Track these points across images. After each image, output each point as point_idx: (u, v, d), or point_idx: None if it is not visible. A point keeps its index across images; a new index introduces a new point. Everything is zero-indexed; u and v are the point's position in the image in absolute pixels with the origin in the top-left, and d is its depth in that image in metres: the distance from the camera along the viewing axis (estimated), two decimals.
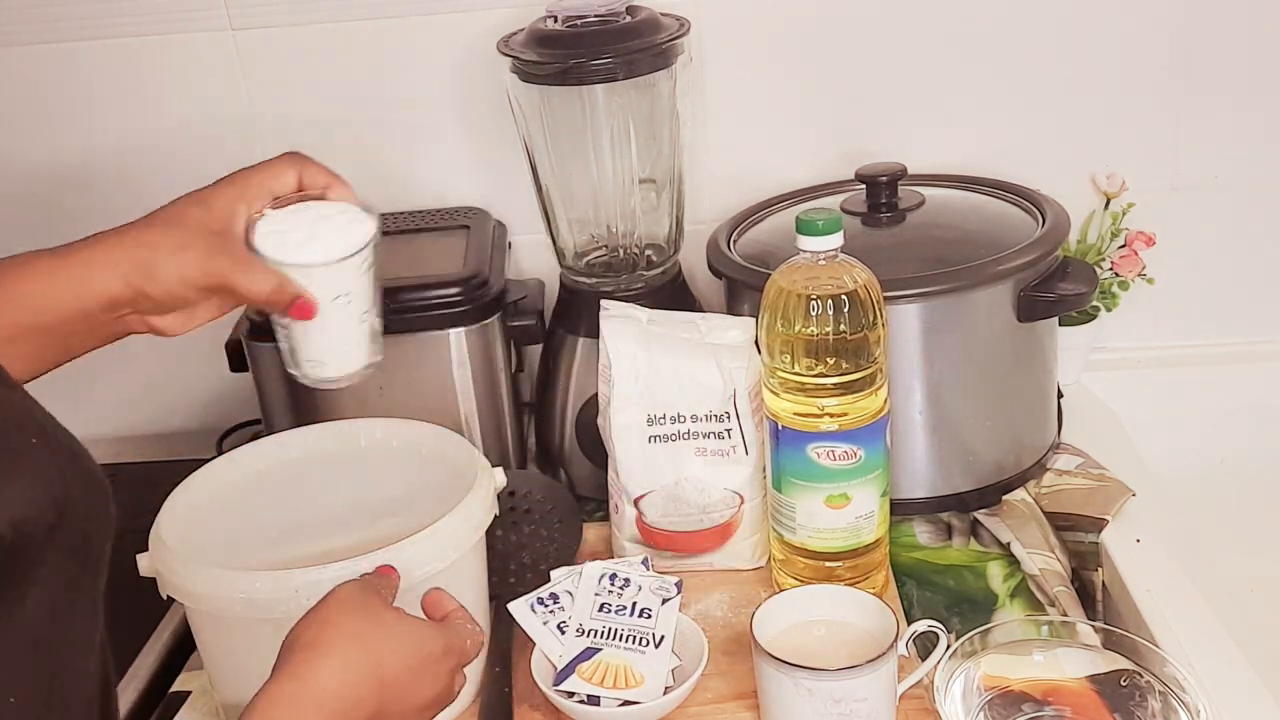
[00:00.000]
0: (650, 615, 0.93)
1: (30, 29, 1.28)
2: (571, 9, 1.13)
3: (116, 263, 0.77)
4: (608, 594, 0.95)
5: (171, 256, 0.77)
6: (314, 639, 0.67)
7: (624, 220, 1.20)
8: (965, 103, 1.30)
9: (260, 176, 0.83)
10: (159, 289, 0.77)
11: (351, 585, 0.72)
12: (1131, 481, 1.12)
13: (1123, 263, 1.30)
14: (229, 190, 0.82)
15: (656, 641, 0.91)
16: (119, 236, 0.79)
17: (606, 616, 0.93)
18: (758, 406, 1.01)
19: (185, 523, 0.91)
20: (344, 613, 0.69)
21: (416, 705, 0.70)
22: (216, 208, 0.81)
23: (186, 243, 0.78)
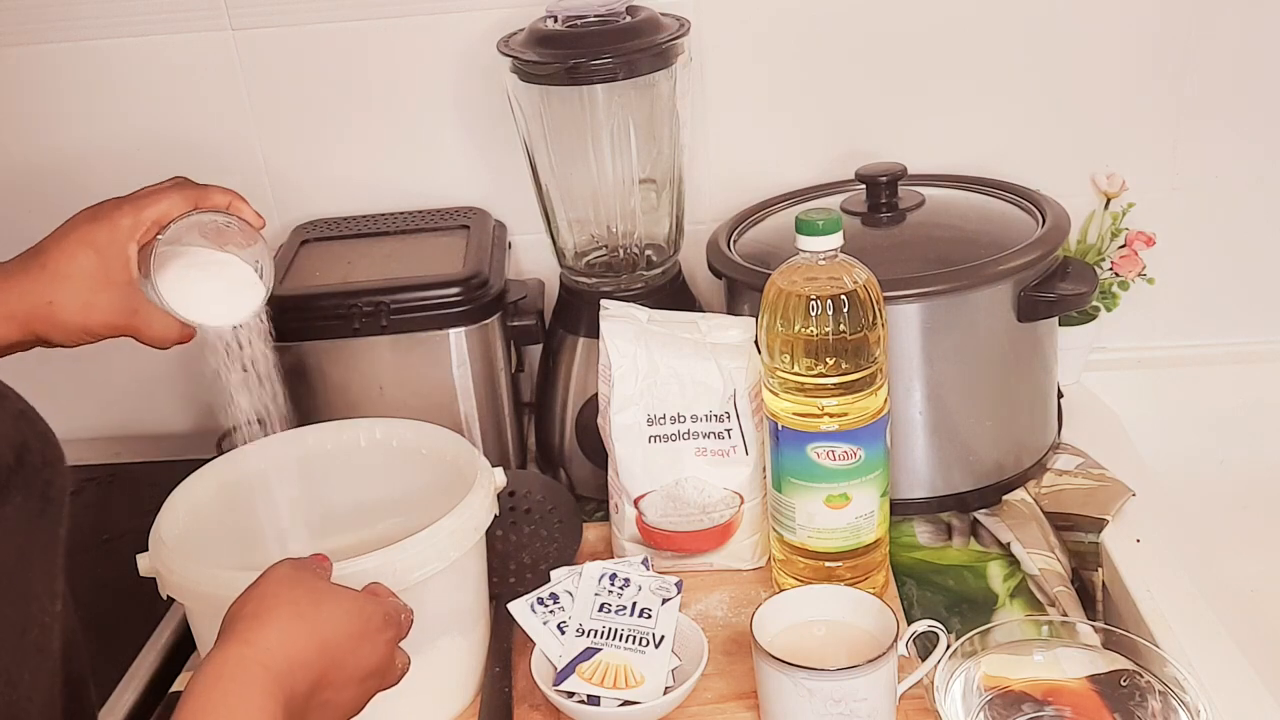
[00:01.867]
0: (650, 615, 0.93)
1: (30, 29, 1.28)
2: (571, 9, 1.13)
3: (13, 313, 0.80)
4: (608, 594, 0.95)
5: (75, 315, 0.81)
6: (255, 610, 0.68)
7: (624, 220, 1.20)
8: (965, 103, 1.30)
9: (153, 209, 0.84)
10: (60, 337, 0.81)
11: (285, 563, 0.73)
12: (1131, 481, 1.12)
13: (1123, 263, 1.30)
14: (121, 226, 0.83)
15: (656, 641, 0.91)
16: (12, 284, 0.81)
17: (606, 616, 0.93)
18: (758, 406, 1.01)
19: (185, 523, 0.91)
20: (281, 585, 0.70)
21: (358, 674, 0.71)
22: (111, 253, 0.82)
23: (90, 301, 0.81)
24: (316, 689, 0.68)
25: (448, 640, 0.91)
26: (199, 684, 0.64)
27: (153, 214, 0.85)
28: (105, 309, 0.82)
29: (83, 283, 0.82)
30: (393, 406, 1.14)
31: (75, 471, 0.75)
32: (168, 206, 0.85)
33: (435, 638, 0.89)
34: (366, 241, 1.28)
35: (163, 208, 0.85)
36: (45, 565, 0.63)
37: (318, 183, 1.35)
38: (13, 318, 0.80)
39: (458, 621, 0.92)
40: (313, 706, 0.68)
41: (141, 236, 0.84)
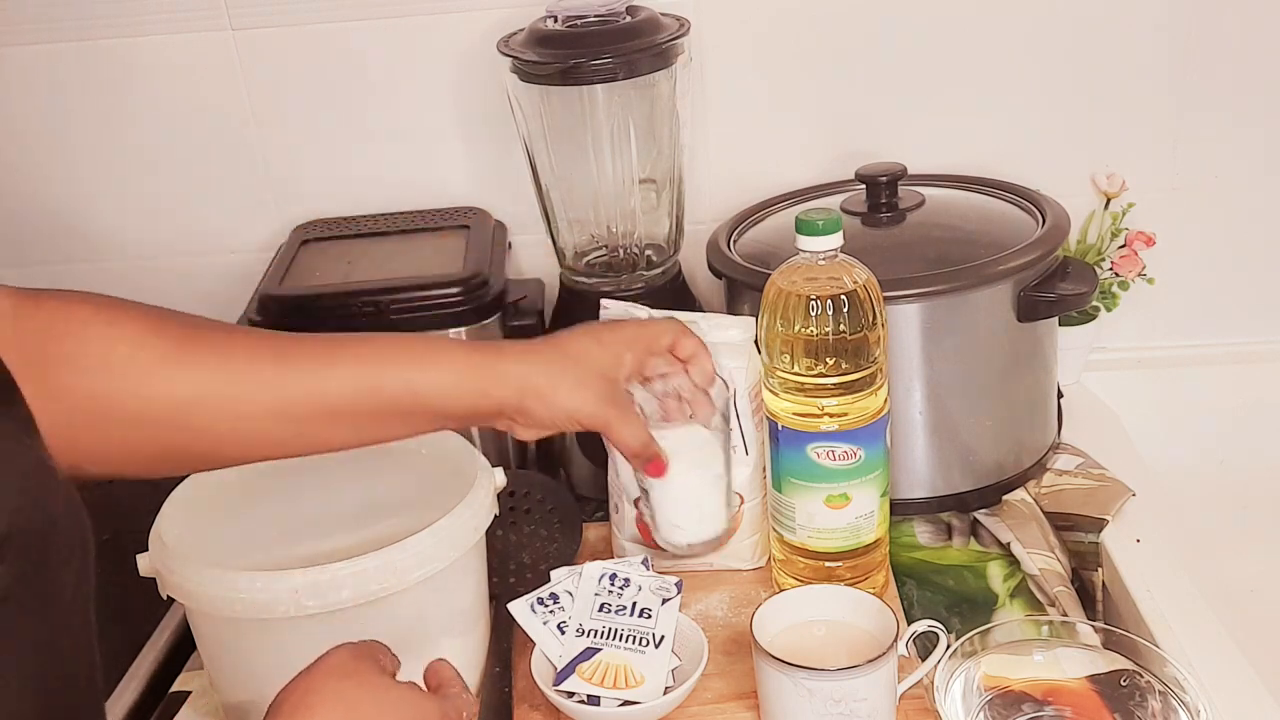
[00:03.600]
0: (650, 615, 0.93)
1: (30, 29, 1.28)
2: (571, 9, 1.13)
3: (518, 380, 0.83)
4: (608, 594, 0.95)
5: (570, 392, 0.83)
6: (300, 702, 0.66)
7: (624, 220, 1.20)
8: (965, 103, 1.30)
9: (648, 334, 0.89)
10: (546, 413, 0.83)
11: (343, 650, 0.70)
12: (1131, 481, 1.12)
13: (1123, 263, 1.30)
14: (621, 337, 0.88)
15: (656, 641, 0.91)
16: (525, 356, 0.84)
17: (606, 616, 0.93)
18: (758, 406, 1.01)
19: (185, 523, 0.91)
20: (332, 677, 0.68)
21: None
22: (611, 353, 0.87)
23: (584, 381, 0.84)
24: None
25: (448, 640, 0.91)
26: None
27: (648, 337, 0.89)
28: (596, 394, 0.84)
29: (585, 368, 0.85)
30: None
31: None
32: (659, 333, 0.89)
33: (435, 638, 0.89)
34: (366, 241, 1.28)
35: (656, 334, 0.89)
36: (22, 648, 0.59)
37: (318, 183, 1.35)
38: (517, 382, 0.82)
39: (458, 621, 0.92)
40: None
41: (635, 352, 0.88)
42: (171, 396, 0.75)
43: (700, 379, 0.90)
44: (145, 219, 1.36)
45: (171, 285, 1.38)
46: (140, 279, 1.38)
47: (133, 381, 0.74)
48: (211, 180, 1.35)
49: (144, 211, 1.36)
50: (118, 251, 1.38)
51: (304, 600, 0.81)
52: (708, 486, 0.91)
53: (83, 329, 0.73)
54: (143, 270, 1.38)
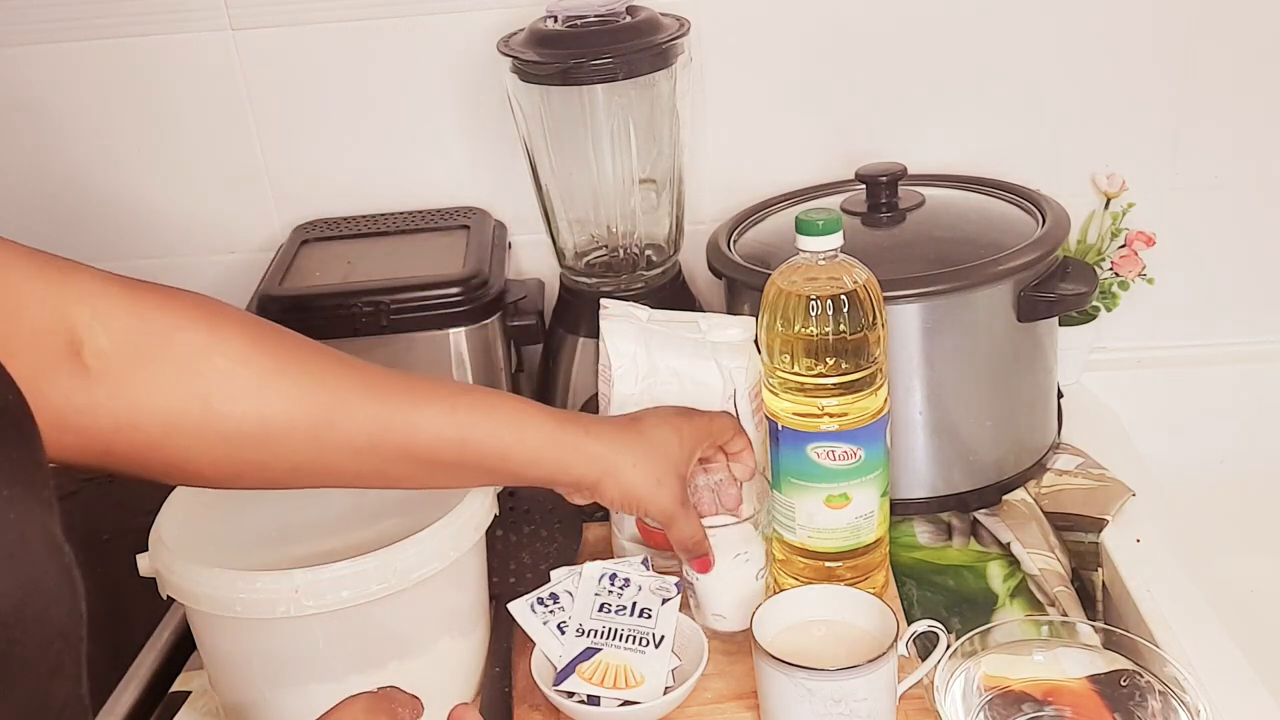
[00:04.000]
0: (650, 615, 0.93)
1: (30, 29, 1.28)
2: (571, 9, 1.13)
3: (603, 462, 0.85)
4: (608, 594, 0.95)
5: (650, 487, 0.87)
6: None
7: (624, 220, 1.20)
8: (965, 103, 1.30)
9: (715, 429, 0.93)
10: (617, 496, 0.87)
11: (358, 702, 0.66)
12: (1131, 481, 1.12)
13: (1123, 263, 1.30)
14: (696, 431, 0.91)
15: (656, 641, 0.92)
16: (612, 438, 0.87)
17: (606, 616, 0.93)
18: (758, 406, 1.01)
19: (185, 523, 0.91)
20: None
21: None
22: (687, 450, 0.90)
23: (663, 480, 0.87)
24: None
25: (448, 640, 0.91)
26: None
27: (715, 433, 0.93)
28: (670, 492, 0.88)
29: (665, 463, 0.87)
30: None
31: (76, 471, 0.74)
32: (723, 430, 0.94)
33: (435, 638, 0.89)
34: (366, 241, 1.28)
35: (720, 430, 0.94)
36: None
37: (318, 183, 1.35)
38: (599, 462, 0.84)
39: (458, 621, 0.92)
40: None
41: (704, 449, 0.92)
42: (261, 416, 0.73)
43: (742, 474, 0.96)
44: (145, 219, 1.36)
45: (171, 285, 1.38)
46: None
47: (229, 399, 0.71)
48: (211, 180, 1.35)
49: (144, 212, 1.36)
50: (118, 252, 1.38)
51: (304, 600, 0.81)
52: (749, 580, 0.96)
53: (182, 334, 0.71)
54: (143, 270, 1.36)
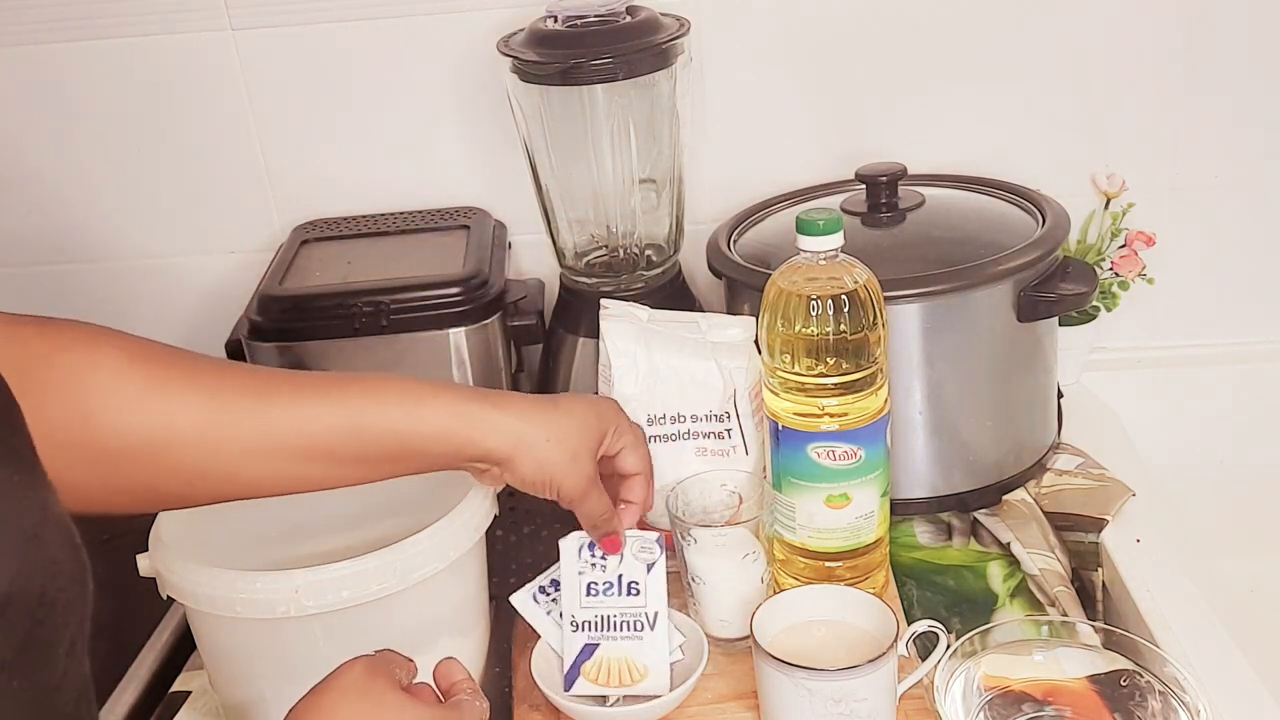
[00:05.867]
0: (639, 591, 0.91)
1: (30, 29, 1.28)
2: (571, 9, 1.13)
3: (513, 433, 0.83)
4: (591, 568, 0.92)
5: (562, 461, 0.84)
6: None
7: (624, 220, 1.20)
8: (965, 103, 1.30)
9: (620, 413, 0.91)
10: (531, 473, 0.84)
11: (357, 665, 0.68)
12: (1131, 481, 1.12)
13: (1123, 263, 1.30)
14: (613, 412, 0.90)
15: (651, 621, 0.90)
16: (527, 411, 0.85)
17: (596, 602, 0.91)
18: (758, 406, 1.01)
19: (185, 523, 0.91)
20: (345, 695, 0.66)
21: None
22: (602, 426, 0.88)
23: (577, 455, 0.85)
24: None
25: (448, 640, 0.91)
26: None
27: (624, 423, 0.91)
28: (583, 472, 0.86)
29: (582, 440, 0.86)
30: None
31: None
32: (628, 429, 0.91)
33: (435, 638, 0.89)
34: (366, 241, 1.28)
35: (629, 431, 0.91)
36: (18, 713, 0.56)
37: (318, 183, 1.35)
38: (514, 437, 0.83)
39: (458, 621, 0.92)
40: None
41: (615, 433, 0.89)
42: (148, 430, 0.73)
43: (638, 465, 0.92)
44: (145, 219, 1.36)
45: (171, 285, 1.38)
46: (140, 279, 1.38)
47: (110, 413, 0.72)
48: (211, 180, 1.35)
49: (144, 212, 1.36)
50: (118, 251, 1.38)
51: (304, 600, 0.81)
52: (751, 585, 0.95)
53: (61, 355, 0.72)
54: (143, 270, 1.38)
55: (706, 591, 0.96)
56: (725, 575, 0.95)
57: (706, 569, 0.95)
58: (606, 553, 0.91)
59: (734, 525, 0.98)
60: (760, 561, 0.96)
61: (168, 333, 1.41)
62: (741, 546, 0.95)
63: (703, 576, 0.95)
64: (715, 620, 0.96)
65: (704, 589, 0.96)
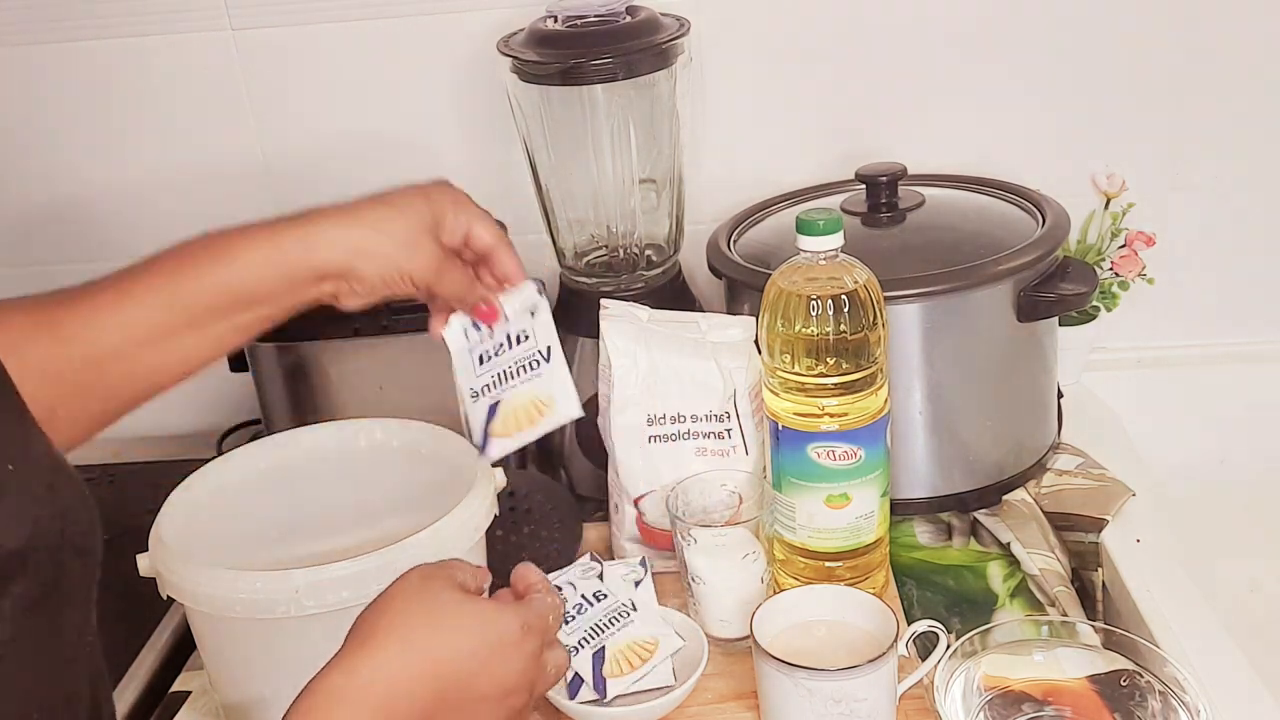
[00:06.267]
0: (527, 335, 0.88)
1: (30, 29, 1.28)
2: (571, 9, 1.13)
3: (342, 241, 0.81)
4: (479, 344, 0.89)
5: (406, 251, 0.81)
6: (369, 631, 0.66)
7: (624, 220, 1.20)
8: (965, 103, 1.30)
9: (459, 193, 0.87)
10: (377, 273, 0.81)
11: (416, 571, 0.70)
12: (1131, 481, 1.12)
13: (1123, 263, 1.30)
14: (444, 193, 0.85)
15: (545, 355, 0.88)
16: (346, 217, 0.82)
17: (489, 365, 0.89)
18: (758, 406, 1.01)
19: (185, 523, 0.91)
20: (398, 600, 0.68)
21: (493, 692, 0.68)
22: (435, 207, 0.84)
23: (418, 241, 0.82)
24: (433, 716, 0.65)
25: None
26: (297, 711, 0.62)
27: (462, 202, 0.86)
28: (428, 253, 0.82)
29: (414, 223, 0.82)
30: (393, 406, 1.13)
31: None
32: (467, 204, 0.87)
33: None
34: None
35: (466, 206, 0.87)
36: (41, 660, 0.59)
37: (317, 183, 1.34)
38: (341, 243, 0.80)
39: None
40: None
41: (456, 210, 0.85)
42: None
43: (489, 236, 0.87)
44: (145, 219, 1.36)
45: None
46: None
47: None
48: (211, 180, 1.35)
49: (144, 210, 1.36)
50: (117, 252, 1.37)
51: (304, 600, 0.81)
52: (751, 584, 0.95)
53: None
54: None
55: (706, 591, 0.96)
56: (725, 575, 0.95)
57: (706, 569, 0.95)
58: (486, 322, 0.87)
59: (734, 525, 0.98)
60: (760, 561, 0.96)
61: None
62: (741, 546, 0.95)
63: (703, 576, 0.95)
64: (715, 620, 0.96)
65: (704, 589, 0.96)
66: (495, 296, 0.87)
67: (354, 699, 0.63)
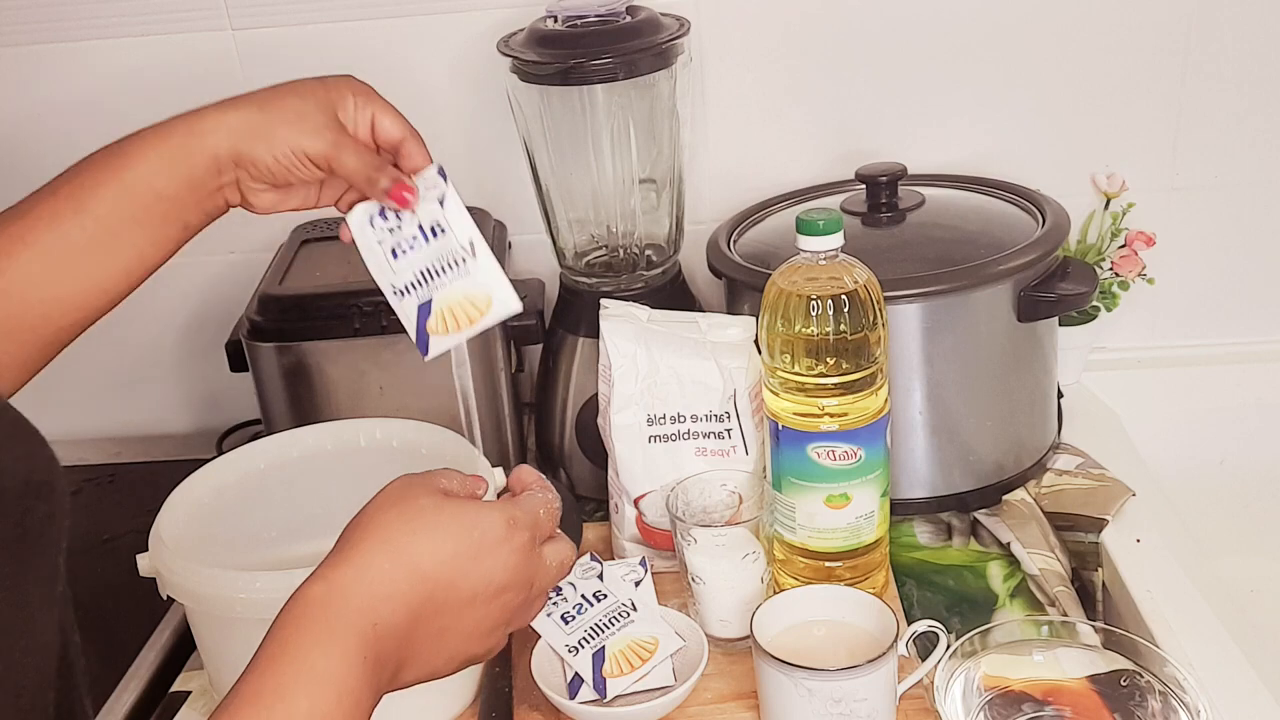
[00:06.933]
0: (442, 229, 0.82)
1: (30, 29, 1.28)
2: (571, 9, 1.13)
3: (227, 122, 0.79)
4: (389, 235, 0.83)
5: (293, 125, 0.78)
6: (347, 539, 0.67)
7: (624, 220, 1.20)
8: (965, 103, 1.30)
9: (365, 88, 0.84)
10: (270, 155, 0.78)
11: (399, 480, 0.70)
12: (1131, 481, 1.12)
13: (1123, 263, 1.30)
14: (342, 85, 0.83)
15: (470, 250, 0.82)
16: (233, 101, 0.81)
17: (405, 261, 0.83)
18: (758, 406, 1.01)
19: (185, 523, 0.91)
20: (379, 509, 0.68)
21: (485, 590, 0.67)
22: (333, 91, 0.81)
23: (305, 114, 0.79)
24: (421, 619, 0.65)
25: None
26: (279, 623, 0.62)
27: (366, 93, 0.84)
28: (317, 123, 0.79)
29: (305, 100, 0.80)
30: (393, 406, 1.14)
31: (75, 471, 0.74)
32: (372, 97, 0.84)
33: None
34: None
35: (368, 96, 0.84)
36: (13, 599, 0.59)
37: None
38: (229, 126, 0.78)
39: None
40: (421, 637, 0.65)
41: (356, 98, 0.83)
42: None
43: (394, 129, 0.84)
44: None
45: (171, 285, 1.38)
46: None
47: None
48: None
49: None
50: None
51: None
52: (751, 585, 0.95)
53: None
54: None
55: (706, 591, 0.96)
56: (725, 575, 0.95)
57: (706, 569, 0.95)
58: (401, 206, 0.81)
59: (734, 525, 0.98)
60: (760, 561, 0.96)
61: (168, 333, 1.41)
62: (741, 546, 0.95)
63: (703, 576, 0.95)
64: (715, 620, 0.96)
65: (704, 589, 0.96)
66: (408, 178, 0.81)
67: (337, 606, 0.63)
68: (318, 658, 0.60)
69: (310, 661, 0.60)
